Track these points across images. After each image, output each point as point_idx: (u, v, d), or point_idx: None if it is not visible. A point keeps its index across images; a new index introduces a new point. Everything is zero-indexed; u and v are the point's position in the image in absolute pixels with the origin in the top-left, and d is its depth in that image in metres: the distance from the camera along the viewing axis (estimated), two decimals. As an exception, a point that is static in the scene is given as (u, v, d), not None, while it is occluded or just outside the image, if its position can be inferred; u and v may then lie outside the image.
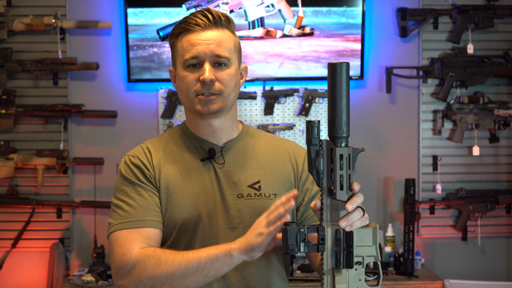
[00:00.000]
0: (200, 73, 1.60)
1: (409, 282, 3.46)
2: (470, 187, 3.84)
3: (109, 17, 3.69)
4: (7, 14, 3.62)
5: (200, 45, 1.60)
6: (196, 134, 1.69)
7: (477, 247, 3.88)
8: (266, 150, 1.72)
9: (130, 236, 1.56)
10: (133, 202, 1.60)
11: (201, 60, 1.60)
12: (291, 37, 3.67)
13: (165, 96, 3.70)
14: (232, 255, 1.45)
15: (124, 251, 1.54)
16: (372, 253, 1.39)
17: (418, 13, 3.74)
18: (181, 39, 1.63)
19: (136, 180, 1.62)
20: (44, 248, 3.66)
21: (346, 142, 1.36)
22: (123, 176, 1.64)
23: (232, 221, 1.62)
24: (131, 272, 1.51)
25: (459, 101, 3.78)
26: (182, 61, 1.62)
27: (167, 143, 1.70)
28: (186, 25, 1.62)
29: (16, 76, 3.69)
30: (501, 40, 3.83)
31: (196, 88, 1.61)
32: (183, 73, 1.62)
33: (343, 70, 1.35)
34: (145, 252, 1.52)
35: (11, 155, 3.63)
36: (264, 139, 1.75)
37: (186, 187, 1.62)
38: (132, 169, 1.63)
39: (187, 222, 1.60)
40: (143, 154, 1.66)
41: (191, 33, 1.62)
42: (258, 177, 1.66)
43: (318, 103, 3.76)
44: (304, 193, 1.70)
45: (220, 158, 1.66)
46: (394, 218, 3.85)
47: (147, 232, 1.57)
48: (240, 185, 1.65)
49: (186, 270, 1.47)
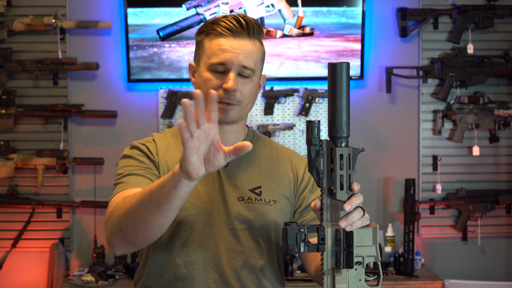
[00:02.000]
0: (223, 80, 1.60)
1: (409, 282, 3.46)
2: (470, 187, 3.84)
3: (109, 17, 3.69)
4: (7, 14, 3.62)
5: (229, 52, 1.59)
6: None
7: (477, 247, 3.88)
8: (270, 157, 1.73)
9: (120, 195, 1.54)
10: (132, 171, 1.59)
11: (227, 67, 1.59)
12: (291, 37, 3.67)
13: (165, 96, 3.70)
14: (174, 173, 1.35)
15: (109, 206, 1.53)
16: (372, 253, 1.39)
17: (418, 13, 3.74)
18: (211, 40, 1.62)
19: (138, 159, 1.62)
20: (44, 248, 3.66)
21: (346, 142, 1.36)
22: (126, 156, 1.64)
23: (232, 223, 1.62)
24: (108, 220, 1.49)
25: (459, 101, 3.78)
26: (208, 63, 1.61)
27: (174, 138, 1.71)
28: (219, 27, 1.61)
29: (16, 76, 3.69)
30: (501, 40, 3.83)
31: (218, 95, 1.59)
32: (206, 75, 1.62)
33: (343, 70, 1.35)
34: (118, 198, 1.51)
35: (11, 155, 3.63)
36: (268, 146, 1.76)
37: None
38: (137, 152, 1.64)
39: (186, 219, 1.60)
40: (148, 142, 1.67)
41: (222, 37, 1.60)
42: (259, 183, 1.67)
43: (318, 103, 3.76)
44: (301, 200, 1.72)
45: None
46: (394, 218, 3.85)
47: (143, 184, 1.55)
48: (242, 188, 1.65)
49: (142, 202, 1.41)
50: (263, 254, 1.65)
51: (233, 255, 1.62)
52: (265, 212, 1.64)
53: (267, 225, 1.65)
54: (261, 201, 1.65)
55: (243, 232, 1.63)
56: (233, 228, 1.62)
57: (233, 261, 1.62)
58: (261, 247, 1.65)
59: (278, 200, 1.67)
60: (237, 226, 1.62)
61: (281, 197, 1.68)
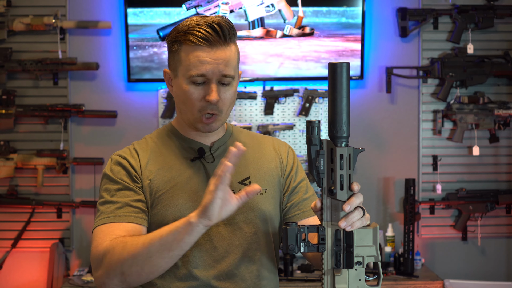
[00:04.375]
0: (205, 91, 1.59)
1: (409, 282, 3.46)
2: (470, 187, 3.84)
3: (109, 17, 3.69)
4: (7, 14, 3.62)
5: (208, 64, 1.56)
6: (185, 135, 1.70)
7: (477, 247, 3.88)
8: (252, 147, 1.74)
9: (107, 230, 1.55)
10: (115, 198, 1.59)
11: (208, 78, 1.57)
12: (291, 37, 3.67)
13: (165, 96, 3.70)
14: (191, 222, 1.41)
15: (97, 243, 1.53)
16: (372, 253, 1.39)
17: (418, 13, 3.74)
18: (187, 51, 1.58)
19: (120, 179, 1.62)
20: (44, 248, 3.66)
21: (346, 142, 1.36)
22: (108, 176, 1.64)
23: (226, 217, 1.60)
24: (102, 261, 1.50)
25: (459, 101, 3.78)
26: (187, 75, 1.58)
27: (155, 143, 1.70)
28: (194, 38, 1.56)
29: (16, 76, 3.69)
30: (501, 40, 3.83)
31: (201, 107, 1.60)
32: (186, 87, 1.60)
33: (343, 70, 1.35)
34: (114, 241, 1.51)
35: (11, 155, 3.63)
36: (248, 136, 1.78)
37: (177, 187, 1.62)
38: (118, 169, 1.63)
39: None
40: (130, 155, 1.66)
41: (199, 48, 1.56)
42: (247, 173, 1.68)
43: (318, 103, 3.76)
44: (288, 184, 1.73)
45: (210, 157, 1.67)
46: (394, 218, 3.85)
47: (125, 226, 1.56)
48: (231, 182, 1.62)
49: (150, 248, 1.44)
50: (260, 245, 1.65)
51: (231, 249, 1.62)
52: (257, 202, 1.65)
53: (261, 215, 1.65)
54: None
55: (238, 225, 1.63)
56: (227, 223, 1.62)
57: (231, 255, 1.62)
58: (258, 237, 1.65)
59: (268, 187, 1.69)
60: (231, 220, 1.62)
61: (270, 185, 1.69)
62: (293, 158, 1.77)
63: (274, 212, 1.69)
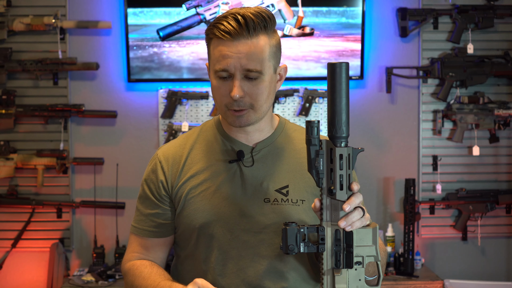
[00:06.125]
0: (229, 86, 1.54)
1: (409, 282, 3.46)
2: (470, 187, 3.84)
3: (109, 17, 3.69)
4: (7, 14, 3.62)
5: (230, 58, 1.51)
6: (228, 133, 1.65)
7: (477, 247, 3.88)
8: (298, 152, 1.65)
9: (134, 243, 1.71)
10: (142, 208, 1.69)
11: (231, 73, 1.52)
12: (291, 37, 3.67)
13: (165, 96, 3.70)
14: None
15: (124, 257, 1.73)
16: (372, 253, 1.39)
17: (418, 13, 3.74)
18: (214, 45, 1.55)
19: (149, 190, 1.67)
20: (44, 248, 3.66)
21: (345, 142, 1.36)
22: (144, 180, 1.70)
23: (256, 226, 1.58)
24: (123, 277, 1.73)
25: (459, 101, 3.78)
26: (214, 70, 1.56)
27: (198, 140, 1.67)
28: (217, 31, 1.52)
29: (16, 76, 3.69)
30: (501, 40, 3.83)
31: (227, 102, 1.55)
32: (214, 82, 1.57)
33: (343, 70, 1.35)
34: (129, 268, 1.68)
35: (11, 155, 3.63)
36: (299, 137, 1.67)
37: (208, 191, 1.60)
38: (151, 178, 1.67)
39: (205, 227, 1.58)
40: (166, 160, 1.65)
41: (221, 42, 1.52)
42: (287, 181, 1.61)
43: (318, 103, 3.76)
44: None
45: (249, 160, 1.61)
46: (394, 218, 3.85)
47: (145, 242, 1.69)
48: (268, 189, 1.60)
49: None
50: (289, 257, 1.59)
51: (257, 259, 1.57)
52: (292, 213, 1.58)
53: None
54: (288, 201, 1.59)
55: (267, 236, 1.57)
56: (257, 232, 1.57)
57: (257, 265, 1.57)
58: None
59: (307, 199, 1.60)
60: (262, 229, 1.57)
61: (310, 195, 1.60)
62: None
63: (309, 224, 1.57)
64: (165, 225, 1.66)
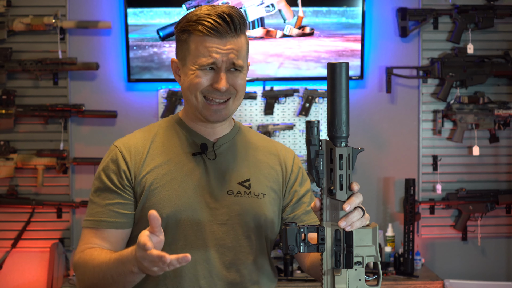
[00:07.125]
0: (213, 78, 1.59)
1: (409, 282, 3.46)
2: (470, 187, 3.84)
3: (109, 17, 3.69)
4: (7, 14, 3.62)
5: (218, 53, 1.57)
6: (191, 127, 1.68)
7: (477, 247, 3.88)
8: (256, 149, 1.72)
9: (87, 235, 1.62)
10: (99, 200, 1.63)
11: (217, 67, 1.58)
12: (291, 37, 3.67)
13: (165, 96, 3.70)
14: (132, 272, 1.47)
15: (75, 251, 1.64)
16: (372, 253, 1.39)
17: (418, 13, 3.74)
18: (196, 41, 1.58)
19: (109, 180, 1.63)
20: (44, 248, 3.66)
21: (345, 142, 1.36)
22: (102, 171, 1.65)
23: (221, 217, 1.61)
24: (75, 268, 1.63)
25: (459, 101, 3.78)
26: (197, 63, 1.58)
27: (158, 134, 1.69)
28: (203, 28, 1.56)
29: (16, 76, 3.69)
30: (501, 40, 3.83)
31: (205, 90, 1.59)
32: (194, 73, 1.59)
33: (343, 70, 1.35)
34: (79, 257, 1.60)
35: (11, 155, 3.63)
36: (254, 138, 1.76)
37: (173, 181, 1.61)
38: (112, 168, 1.64)
39: (172, 217, 1.59)
40: (127, 150, 1.65)
41: (208, 38, 1.57)
42: (248, 175, 1.66)
43: (318, 103, 3.76)
44: (292, 194, 1.71)
45: (212, 154, 1.66)
46: (394, 218, 3.85)
47: (102, 233, 1.61)
48: (230, 182, 1.64)
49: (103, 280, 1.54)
50: (253, 249, 1.63)
51: (223, 250, 1.61)
52: (255, 205, 1.64)
53: (257, 219, 1.64)
54: (250, 194, 1.64)
55: (232, 227, 1.61)
56: (222, 223, 1.61)
57: (222, 256, 1.61)
58: (252, 241, 1.63)
59: (267, 193, 1.66)
60: (226, 221, 1.61)
61: (269, 190, 1.67)
62: (298, 167, 1.75)
63: (270, 218, 1.67)
64: (125, 215, 1.62)
